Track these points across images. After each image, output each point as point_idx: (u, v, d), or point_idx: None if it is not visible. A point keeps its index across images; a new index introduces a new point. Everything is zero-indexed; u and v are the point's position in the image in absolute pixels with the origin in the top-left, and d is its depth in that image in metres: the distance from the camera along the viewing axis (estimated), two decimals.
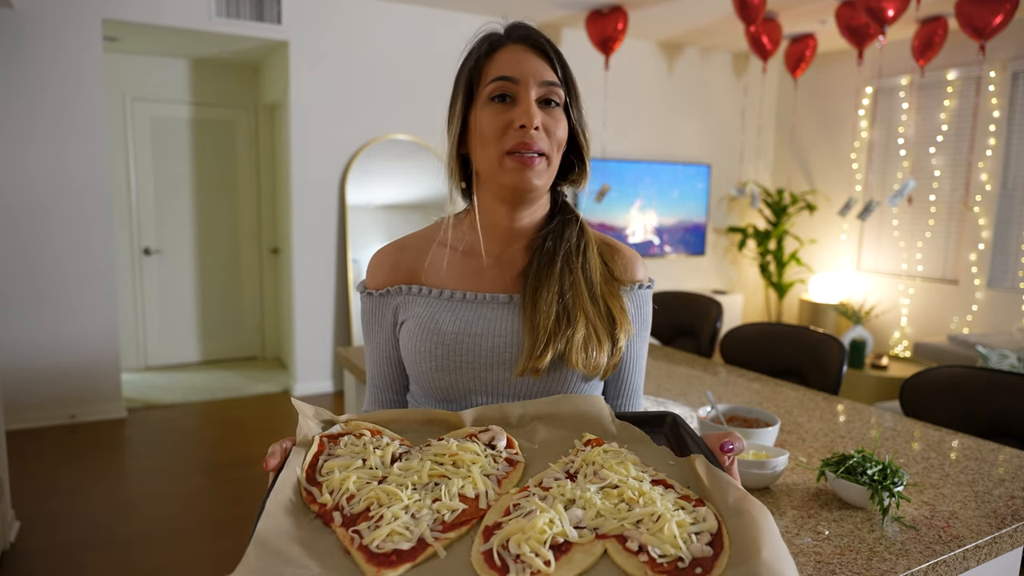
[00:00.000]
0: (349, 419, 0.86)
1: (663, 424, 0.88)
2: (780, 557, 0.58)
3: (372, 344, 1.06)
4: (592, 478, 0.74)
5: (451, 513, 0.69)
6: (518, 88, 0.93)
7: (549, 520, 0.65)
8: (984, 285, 4.76)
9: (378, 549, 0.63)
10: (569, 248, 1.00)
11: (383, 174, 4.60)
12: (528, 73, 0.93)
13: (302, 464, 0.76)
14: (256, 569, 0.58)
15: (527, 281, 0.98)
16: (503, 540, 0.64)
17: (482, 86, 0.95)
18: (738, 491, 0.68)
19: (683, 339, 2.80)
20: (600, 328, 0.96)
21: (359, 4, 4.42)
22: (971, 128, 4.77)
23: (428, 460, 0.77)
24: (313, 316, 4.56)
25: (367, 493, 0.70)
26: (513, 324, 0.97)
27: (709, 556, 0.61)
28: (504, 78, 0.93)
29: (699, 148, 5.87)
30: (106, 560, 2.52)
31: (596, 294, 0.99)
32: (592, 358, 0.94)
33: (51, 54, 3.71)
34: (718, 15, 4.70)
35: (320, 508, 0.70)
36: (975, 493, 1.26)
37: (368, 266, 1.07)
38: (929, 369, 1.84)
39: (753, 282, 6.23)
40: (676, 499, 0.70)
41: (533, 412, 0.89)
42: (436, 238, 1.05)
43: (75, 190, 3.83)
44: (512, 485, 0.76)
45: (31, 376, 3.84)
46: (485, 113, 0.94)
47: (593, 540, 0.64)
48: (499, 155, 0.93)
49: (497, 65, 0.94)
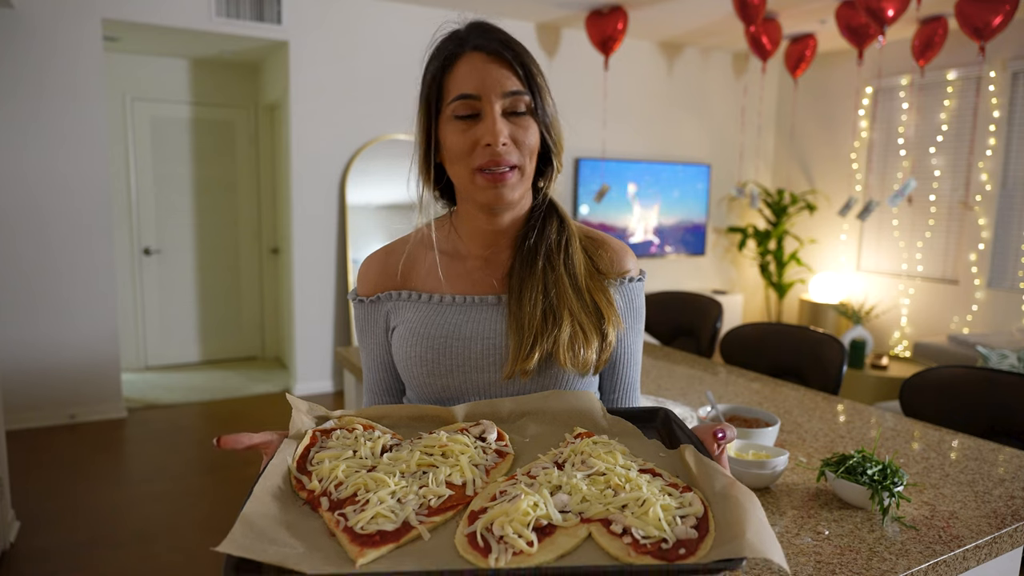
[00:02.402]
0: (342, 415, 0.87)
1: (655, 419, 0.89)
2: (764, 538, 0.58)
3: (366, 350, 1.06)
4: (580, 466, 0.75)
5: (437, 499, 0.69)
6: (481, 104, 0.90)
7: (533, 503, 0.65)
8: (984, 285, 4.76)
9: (362, 530, 0.64)
10: (550, 244, 0.98)
11: (383, 174, 4.60)
12: (489, 87, 0.89)
13: (293, 454, 0.77)
14: (242, 545, 0.59)
15: (511, 282, 0.98)
16: (487, 523, 0.64)
17: (444, 104, 0.92)
18: (726, 478, 0.68)
19: (683, 339, 2.80)
20: (587, 324, 0.95)
21: (359, 4, 4.42)
22: (971, 128, 4.77)
23: (417, 450, 0.78)
24: (313, 316, 4.56)
25: (355, 480, 0.71)
26: (502, 325, 0.96)
27: (694, 539, 0.61)
28: (465, 96, 0.89)
29: (699, 148, 5.87)
30: (106, 560, 2.52)
31: (581, 288, 0.97)
32: (580, 355, 0.93)
33: (51, 54, 3.71)
34: (718, 15, 4.70)
35: (308, 494, 0.71)
36: (975, 493, 1.26)
37: (358, 273, 1.07)
38: (929, 369, 1.84)
39: (753, 282, 6.23)
40: (664, 486, 0.70)
41: (524, 408, 0.90)
42: (424, 242, 1.04)
43: (75, 190, 3.83)
44: (500, 475, 0.76)
45: (31, 376, 3.84)
46: (449, 131, 0.92)
47: (578, 524, 0.65)
48: (469, 173, 0.92)
49: (457, 81, 0.90)
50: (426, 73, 0.95)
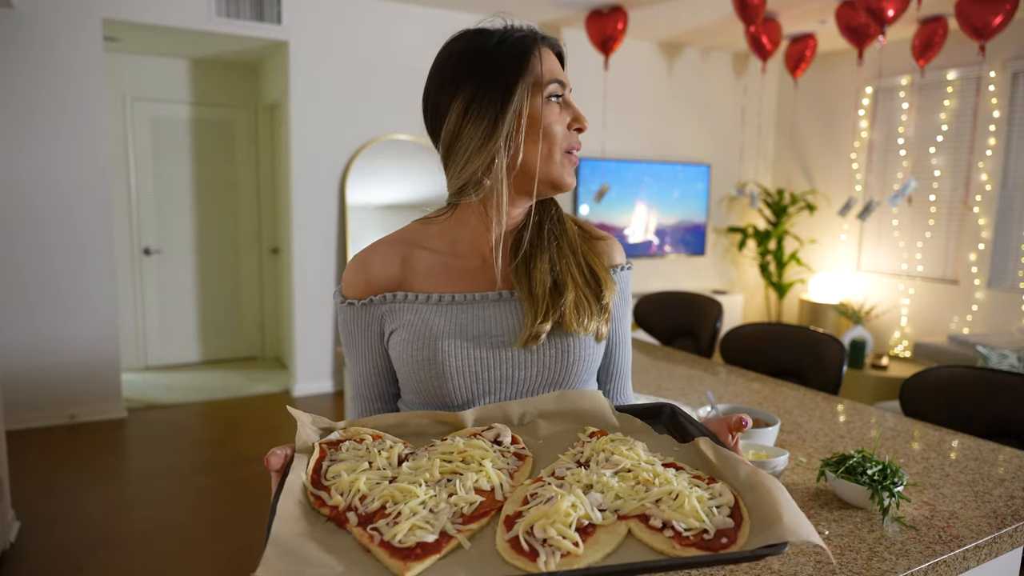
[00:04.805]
0: (347, 425, 0.84)
1: (661, 415, 0.90)
2: (800, 521, 0.59)
3: (356, 355, 1.02)
4: (605, 464, 0.74)
5: (469, 506, 0.68)
6: (565, 91, 0.96)
7: (572, 503, 0.65)
8: (984, 285, 4.76)
9: (401, 544, 0.62)
10: (552, 218, 1.03)
11: (383, 174, 4.60)
12: (566, 79, 0.97)
13: (306, 469, 0.74)
14: (279, 570, 0.57)
15: (518, 254, 0.99)
16: (527, 526, 0.63)
17: (541, 83, 0.93)
18: (747, 466, 0.69)
19: (683, 339, 2.80)
20: (587, 291, 0.99)
21: (359, 4, 4.42)
22: (971, 128, 4.77)
23: (437, 458, 0.76)
24: (313, 316, 4.56)
25: (380, 492, 0.69)
26: (508, 320, 0.96)
27: (731, 527, 0.62)
28: (561, 82, 0.95)
29: (699, 148, 5.87)
30: (106, 560, 2.52)
31: (578, 254, 1.02)
32: (584, 319, 0.96)
33: (51, 54, 3.71)
34: (718, 15, 4.70)
35: (332, 511, 0.69)
36: (975, 493, 1.26)
37: (345, 274, 1.02)
38: (929, 369, 1.84)
39: (753, 282, 6.23)
40: (690, 479, 0.70)
41: (534, 410, 0.89)
42: (415, 241, 1.01)
43: (75, 190, 3.83)
44: (524, 477, 0.76)
45: (31, 376, 3.84)
46: (549, 111, 0.94)
47: (616, 521, 0.65)
48: (561, 152, 0.95)
49: (548, 66, 0.95)
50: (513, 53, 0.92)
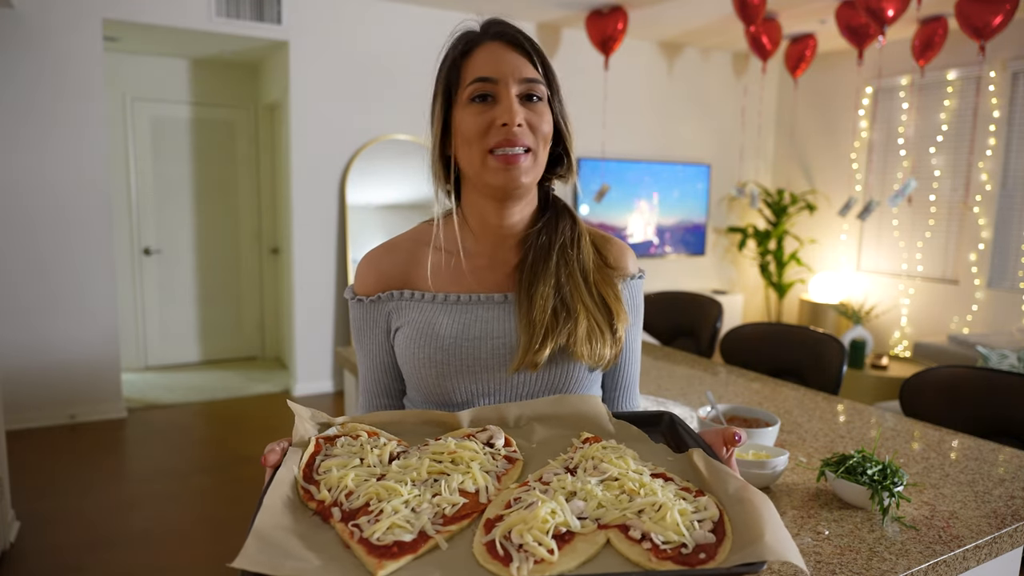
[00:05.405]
0: (345, 421, 0.85)
1: (660, 423, 0.89)
2: (782, 539, 0.58)
3: (364, 351, 1.03)
4: (592, 472, 0.74)
5: (451, 507, 0.68)
6: (498, 88, 0.91)
7: (551, 510, 0.65)
8: (984, 285, 4.76)
9: (379, 542, 0.62)
10: (564, 241, 0.99)
11: (383, 174, 4.60)
12: (507, 71, 0.91)
13: (299, 463, 0.75)
14: (257, 561, 0.58)
15: (522, 276, 0.97)
16: (505, 531, 0.63)
17: (461, 88, 0.92)
18: (738, 481, 0.68)
19: (683, 339, 2.80)
20: (600, 319, 0.95)
21: (359, 4, 4.42)
22: (971, 128, 4.77)
23: (427, 458, 0.76)
24: (313, 316, 4.56)
25: (366, 489, 0.70)
26: (511, 324, 0.96)
27: (712, 543, 0.61)
28: (483, 79, 0.90)
29: (699, 148, 5.87)
30: (106, 560, 2.52)
31: (591, 283, 0.98)
32: (596, 349, 0.93)
33: (51, 54, 3.71)
34: (718, 15, 4.70)
35: (318, 505, 0.70)
36: (975, 493, 1.26)
37: (356, 271, 1.03)
38: (929, 369, 1.84)
39: (753, 282, 6.23)
40: (677, 491, 0.70)
41: (531, 413, 0.89)
42: (425, 240, 1.02)
43: (75, 190, 3.83)
44: (512, 481, 0.76)
45: (31, 376, 3.84)
46: (466, 114, 0.92)
47: (595, 530, 0.64)
48: (482, 154, 0.91)
49: (475, 65, 0.92)
50: (443, 62, 0.95)
